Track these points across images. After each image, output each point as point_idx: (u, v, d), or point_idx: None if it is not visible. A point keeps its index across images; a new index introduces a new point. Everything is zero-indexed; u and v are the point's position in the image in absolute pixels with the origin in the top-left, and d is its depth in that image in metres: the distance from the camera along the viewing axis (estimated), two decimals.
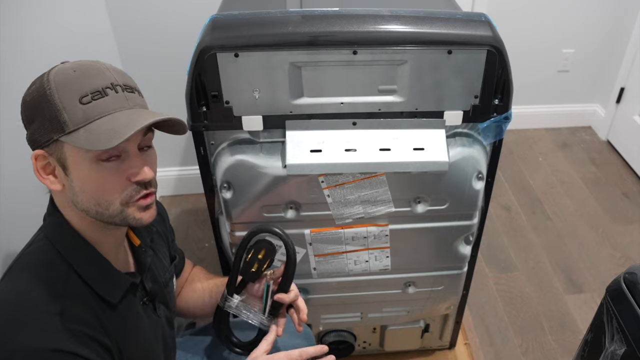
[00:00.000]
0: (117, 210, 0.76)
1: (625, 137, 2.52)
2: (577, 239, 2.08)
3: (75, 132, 0.70)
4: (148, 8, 1.78)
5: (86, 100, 0.70)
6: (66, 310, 0.73)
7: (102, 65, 0.75)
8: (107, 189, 0.74)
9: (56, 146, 0.72)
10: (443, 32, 0.99)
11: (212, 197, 1.20)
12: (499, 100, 1.06)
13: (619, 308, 0.81)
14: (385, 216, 1.17)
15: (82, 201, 0.75)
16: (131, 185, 0.76)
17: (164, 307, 0.95)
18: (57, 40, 1.43)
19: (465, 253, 1.28)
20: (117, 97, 0.73)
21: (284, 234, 1.00)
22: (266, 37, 0.97)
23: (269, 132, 1.08)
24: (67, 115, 0.70)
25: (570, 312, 1.79)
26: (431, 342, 1.60)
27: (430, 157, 1.06)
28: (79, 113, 0.70)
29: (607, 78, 2.57)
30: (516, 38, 2.33)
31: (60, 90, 0.70)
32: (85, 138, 0.70)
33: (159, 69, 1.90)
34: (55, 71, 0.72)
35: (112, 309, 0.80)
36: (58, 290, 0.74)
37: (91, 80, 0.72)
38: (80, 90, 0.71)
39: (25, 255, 0.79)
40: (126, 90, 0.75)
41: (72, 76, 0.71)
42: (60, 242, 0.78)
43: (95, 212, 0.76)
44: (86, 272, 0.77)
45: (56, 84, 0.70)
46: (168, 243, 1.05)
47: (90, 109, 0.71)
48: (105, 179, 0.73)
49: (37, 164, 0.75)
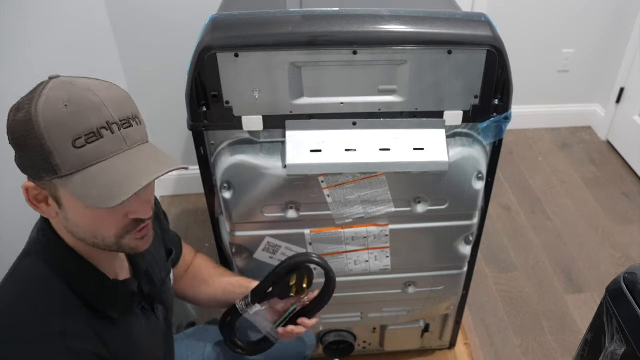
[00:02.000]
0: (113, 242, 0.73)
1: (625, 137, 2.52)
2: (577, 239, 2.08)
3: (70, 177, 0.66)
4: (148, 8, 1.78)
5: (80, 144, 0.65)
6: (66, 329, 0.70)
7: (96, 98, 0.67)
8: (103, 227, 0.72)
9: (49, 184, 0.68)
10: (443, 32, 0.99)
11: (212, 197, 1.20)
12: (499, 100, 1.06)
13: (619, 308, 0.81)
14: (385, 216, 1.17)
15: (77, 232, 0.72)
16: (128, 220, 0.73)
17: (162, 307, 0.95)
18: (57, 41, 1.43)
19: (465, 253, 1.28)
20: (113, 139, 0.67)
21: (333, 273, 1.03)
22: (266, 37, 0.97)
23: (269, 132, 1.08)
24: (60, 160, 0.65)
25: (570, 312, 1.79)
26: (431, 342, 1.60)
27: (430, 157, 1.06)
28: (73, 158, 0.65)
29: (607, 78, 2.57)
30: (516, 38, 2.33)
31: (50, 131, 0.64)
32: (81, 187, 0.66)
33: (159, 69, 1.90)
34: (44, 105, 0.65)
35: (111, 322, 0.78)
36: (56, 309, 0.71)
37: (85, 120, 0.65)
38: (73, 131, 0.65)
39: (16, 273, 0.76)
40: (123, 127, 0.69)
41: (63, 114, 0.65)
42: (54, 258, 0.75)
43: (92, 242, 0.73)
44: (83, 288, 0.75)
45: (46, 123, 0.64)
46: (162, 237, 1.02)
47: (85, 154, 0.65)
48: (103, 218, 0.70)
49: (29, 194, 0.71)
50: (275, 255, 1.22)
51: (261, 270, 1.25)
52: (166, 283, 0.99)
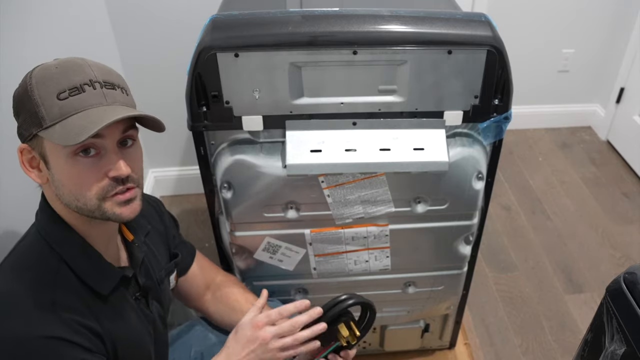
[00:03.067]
0: (95, 205, 0.76)
1: (625, 137, 2.52)
2: (577, 239, 2.08)
3: (52, 127, 0.72)
4: (148, 8, 1.78)
5: (63, 97, 0.72)
6: (57, 300, 0.75)
7: (84, 62, 0.75)
8: (83, 184, 0.75)
9: (37, 141, 0.74)
10: (443, 32, 0.99)
11: (212, 197, 1.20)
12: (499, 100, 1.06)
13: (619, 308, 0.81)
14: (385, 216, 1.17)
15: (63, 195, 0.76)
16: (107, 180, 0.75)
17: (157, 304, 0.95)
18: (57, 41, 1.43)
19: (465, 253, 1.28)
20: (94, 94, 0.73)
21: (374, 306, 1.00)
22: (266, 37, 0.97)
23: (269, 132, 1.08)
24: (45, 111, 0.72)
25: (570, 312, 1.79)
26: (431, 342, 1.60)
27: (430, 157, 1.06)
28: (55, 109, 0.72)
29: (607, 78, 2.57)
30: (516, 38, 2.33)
31: (39, 86, 0.72)
32: (59, 133, 0.71)
33: (159, 69, 1.90)
34: (39, 68, 0.74)
35: (102, 300, 0.81)
36: (49, 281, 0.76)
37: (70, 77, 0.73)
38: (58, 86, 0.72)
39: (17, 250, 0.81)
40: (105, 87, 0.75)
41: (52, 72, 0.73)
42: (51, 235, 0.79)
43: (76, 206, 0.76)
44: (77, 264, 0.79)
45: (37, 80, 0.72)
46: (167, 241, 1.04)
47: (67, 105, 0.72)
48: (81, 173, 0.74)
49: (23, 157, 0.77)
50: (275, 255, 1.22)
51: (261, 270, 1.25)
52: (164, 283, 0.99)
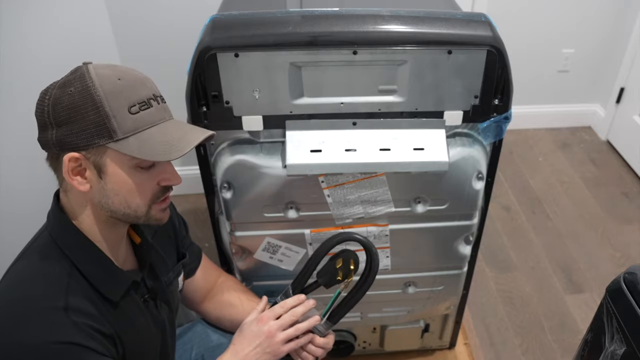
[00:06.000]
0: (144, 212, 0.81)
1: (625, 137, 2.52)
2: (577, 239, 2.08)
3: (125, 139, 0.74)
4: (148, 8, 1.78)
5: (134, 110, 0.75)
6: (70, 305, 0.75)
7: (140, 75, 0.79)
8: (140, 192, 0.79)
9: (97, 150, 0.75)
10: (443, 32, 0.99)
11: (212, 197, 1.20)
12: (499, 100, 1.06)
13: (619, 308, 0.81)
14: (385, 216, 1.17)
15: (112, 203, 0.79)
16: (158, 187, 0.82)
17: (165, 306, 0.96)
18: (57, 41, 1.43)
19: (465, 253, 1.28)
20: (158, 109, 0.79)
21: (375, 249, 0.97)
22: (266, 37, 0.97)
23: (269, 132, 1.08)
24: (117, 123, 0.73)
25: (570, 312, 1.79)
26: (431, 342, 1.60)
27: (430, 157, 1.06)
28: (129, 122, 0.74)
29: (607, 78, 2.57)
30: (516, 38, 2.33)
31: (109, 98, 0.73)
32: (138, 147, 0.75)
33: (159, 69, 1.89)
34: (98, 78, 0.74)
35: (113, 305, 0.82)
36: (61, 286, 0.76)
37: (138, 91, 0.76)
38: (128, 100, 0.75)
39: (28, 252, 0.81)
40: (162, 101, 0.81)
41: (119, 85, 0.74)
42: (63, 240, 0.80)
43: (123, 213, 0.80)
44: (88, 270, 0.80)
45: (105, 91, 0.73)
46: (176, 241, 1.05)
47: (139, 120, 0.75)
48: (140, 184, 0.79)
49: (69, 165, 0.76)
50: (275, 255, 1.22)
51: (261, 270, 1.25)
52: (172, 284, 1.00)
